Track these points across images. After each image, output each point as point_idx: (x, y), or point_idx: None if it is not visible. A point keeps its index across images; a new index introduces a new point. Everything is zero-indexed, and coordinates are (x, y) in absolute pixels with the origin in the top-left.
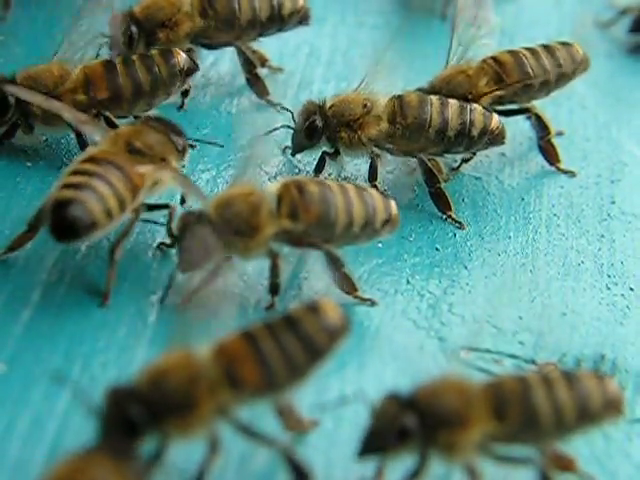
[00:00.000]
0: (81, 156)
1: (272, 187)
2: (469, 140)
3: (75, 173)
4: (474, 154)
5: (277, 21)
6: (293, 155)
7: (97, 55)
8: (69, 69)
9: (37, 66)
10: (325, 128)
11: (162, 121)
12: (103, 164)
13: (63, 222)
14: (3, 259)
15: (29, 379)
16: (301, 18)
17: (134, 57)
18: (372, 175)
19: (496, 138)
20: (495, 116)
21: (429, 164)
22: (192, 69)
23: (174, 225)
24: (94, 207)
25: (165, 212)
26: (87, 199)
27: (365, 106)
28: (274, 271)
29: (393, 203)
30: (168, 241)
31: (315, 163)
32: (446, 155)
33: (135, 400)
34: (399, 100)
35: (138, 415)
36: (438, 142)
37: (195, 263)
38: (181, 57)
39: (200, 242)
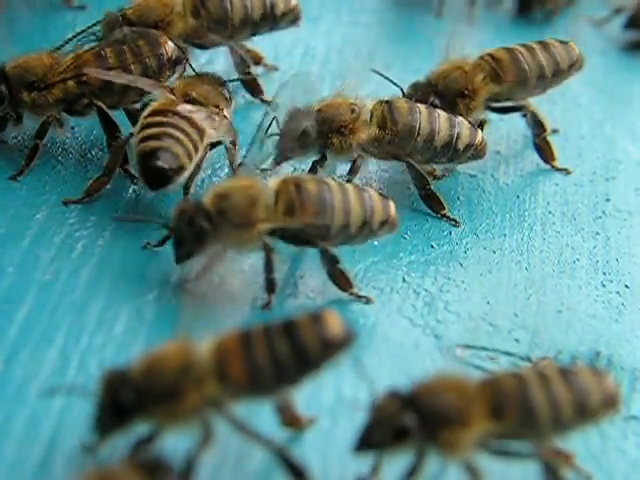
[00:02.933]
0: (146, 111)
1: (272, 182)
2: (454, 152)
3: (148, 126)
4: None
5: (270, 20)
6: (278, 164)
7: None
8: (59, 58)
9: (27, 55)
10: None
11: (208, 74)
12: (169, 115)
13: (155, 171)
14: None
15: (25, 378)
16: (293, 18)
17: (124, 47)
18: (352, 174)
19: (479, 153)
20: (480, 132)
21: (417, 167)
22: (180, 58)
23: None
24: (178, 151)
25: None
26: (170, 145)
27: (353, 111)
28: (268, 266)
29: (392, 205)
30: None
31: (310, 163)
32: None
33: (126, 384)
34: (388, 105)
35: (126, 399)
36: (424, 151)
37: (189, 253)
38: (169, 46)
39: (195, 232)
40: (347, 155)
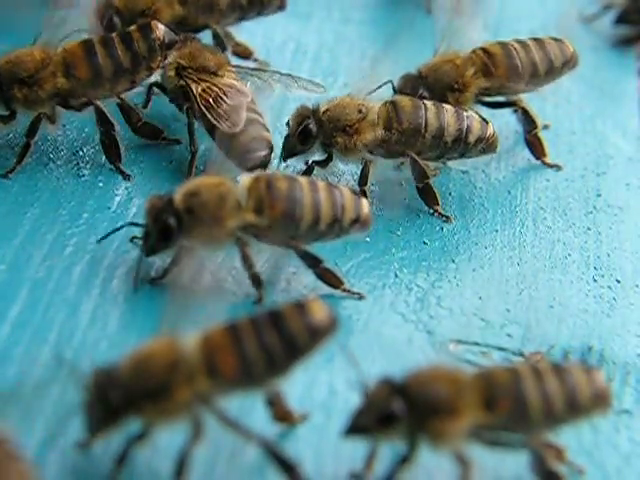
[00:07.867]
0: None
1: (245, 180)
2: (465, 146)
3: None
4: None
5: (257, 5)
6: (284, 160)
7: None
8: (51, 52)
9: (19, 50)
10: (319, 133)
11: (188, 38)
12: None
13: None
14: None
15: (18, 376)
16: (280, 4)
17: (113, 35)
18: (363, 180)
19: (490, 146)
20: (491, 125)
21: (420, 161)
22: (173, 41)
23: None
24: (268, 136)
25: None
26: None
27: (360, 111)
28: (246, 262)
29: (365, 203)
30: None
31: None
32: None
33: (115, 384)
34: (393, 105)
35: (116, 398)
36: (434, 147)
37: (157, 248)
38: (159, 31)
39: (160, 228)
40: (353, 156)
